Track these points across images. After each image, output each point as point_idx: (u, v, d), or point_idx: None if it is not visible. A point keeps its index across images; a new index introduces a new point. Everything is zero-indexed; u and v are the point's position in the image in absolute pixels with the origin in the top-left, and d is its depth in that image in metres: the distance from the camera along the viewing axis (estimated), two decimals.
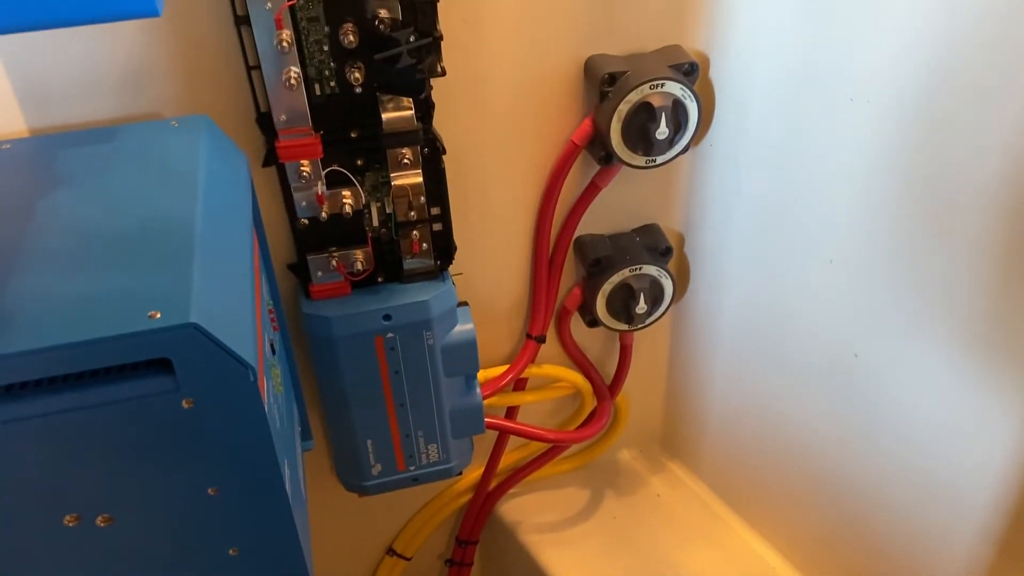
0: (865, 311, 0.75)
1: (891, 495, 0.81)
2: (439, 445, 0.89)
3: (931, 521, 0.77)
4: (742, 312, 0.90)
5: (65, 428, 0.46)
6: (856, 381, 0.79)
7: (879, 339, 0.75)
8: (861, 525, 0.85)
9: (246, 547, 0.54)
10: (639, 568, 0.97)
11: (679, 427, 1.08)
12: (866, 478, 0.83)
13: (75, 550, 0.50)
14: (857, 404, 0.80)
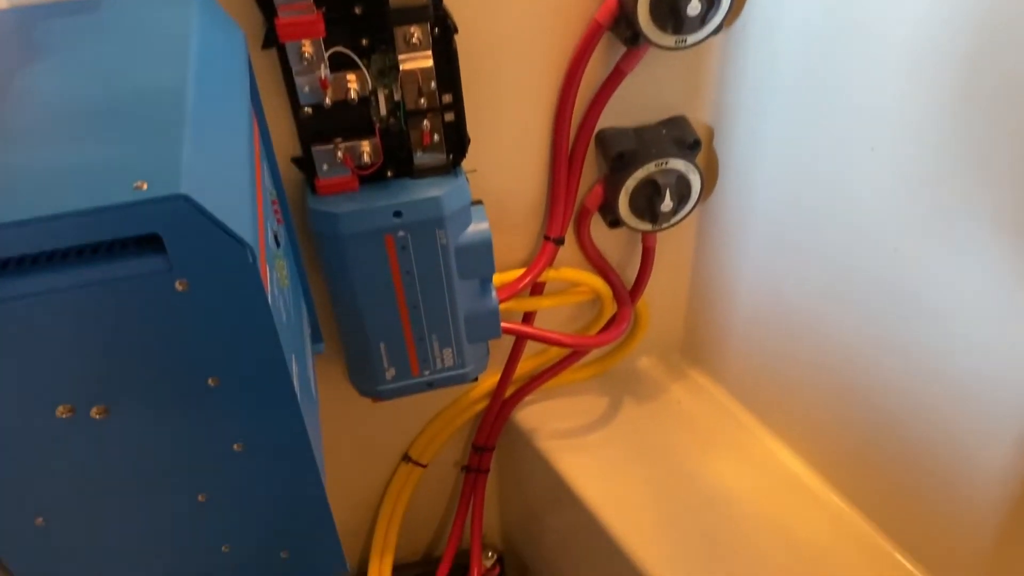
0: (907, 202, 0.70)
1: (925, 401, 0.78)
2: (454, 350, 0.86)
3: (967, 429, 0.74)
4: (773, 209, 0.85)
5: (53, 310, 0.43)
6: (894, 279, 0.74)
7: (921, 233, 0.70)
8: (891, 432, 0.82)
9: (251, 443, 0.51)
10: (658, 475, 0.95)
11: (702, 333, 1.04)
12: (899, 383, 0.79)
13: (69, 444, 0.47)
14: (894, 304, 0.76)
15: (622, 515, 0.91)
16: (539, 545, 1.14)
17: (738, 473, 0.94)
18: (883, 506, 0.87)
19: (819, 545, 0.87)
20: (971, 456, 0.75)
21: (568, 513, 0.98)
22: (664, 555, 0.86)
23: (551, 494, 1.00)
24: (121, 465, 0.50)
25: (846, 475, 0.91)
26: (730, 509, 0.91)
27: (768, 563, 0.85)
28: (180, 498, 0.53)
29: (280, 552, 0.58)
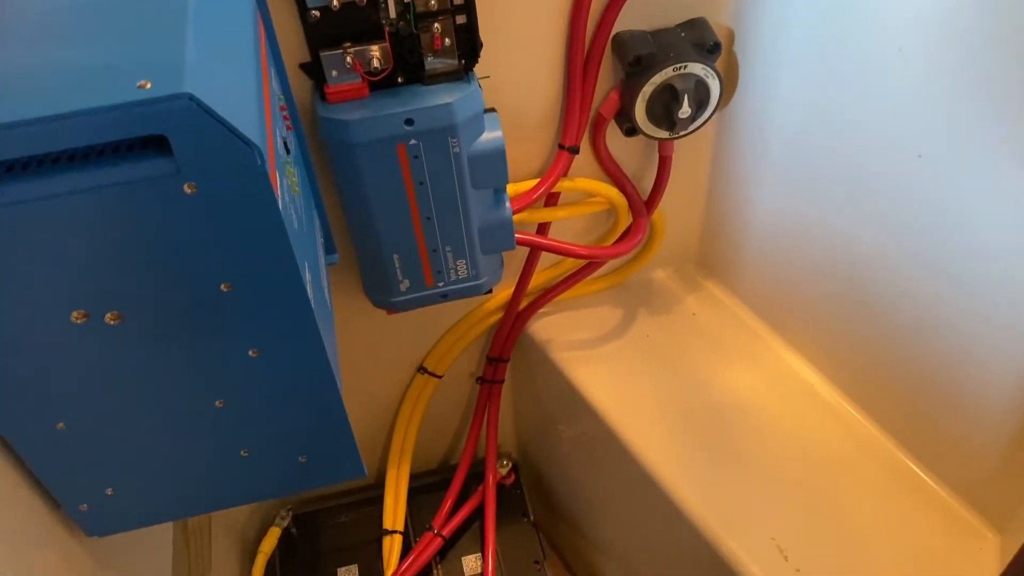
0: (934, 106, 0.68)
1: (944, 312, 0.77)
2: (468, 261, 0.85)
3: (985, 340, 0.74)
4: (794, 116, 0.83)
5: (61, 216, 0.42)
6: (918, 186, 0.73)
7: (947, 138, 0.68)
8: (908, 343, 0.82)
9: (267, 349, 0.51)
10: (672, 386, 0.95)
11: (717, 245, 1.03)
12: (918, 293, 0.79)
13: (84, 349, 0.48)
14: (916, 212, 0.74)
15: (635, 424, 0.91)
16: (553, 453, 1.16)
17: (752, 384, 0.95)
18: (897, 416, 0.87)
19: (832, 454, 0.87)
20: (988, 366, 0.75)
21: (582, 422, 0.99)
22: (676, 462, 0.87)
23: (565, 404, 1.01)
24: (138, 370, 0.50)
25: (860, 385, 0.91)
26: (743, 419, 0.91)
27: (780, 471, 0.86)
28: (198, 403, 0.53)
29: (298, 457, 0.59)
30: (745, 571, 0.79)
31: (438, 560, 1.05)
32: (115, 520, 0.59)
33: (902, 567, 0.78)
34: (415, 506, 1.10)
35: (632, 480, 0.91)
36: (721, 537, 0.81)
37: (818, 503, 0.83)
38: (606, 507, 1.07)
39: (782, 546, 0.80)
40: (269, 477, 0.60)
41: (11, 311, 0.45)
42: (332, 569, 1.05)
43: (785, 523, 0.82)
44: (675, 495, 0.85)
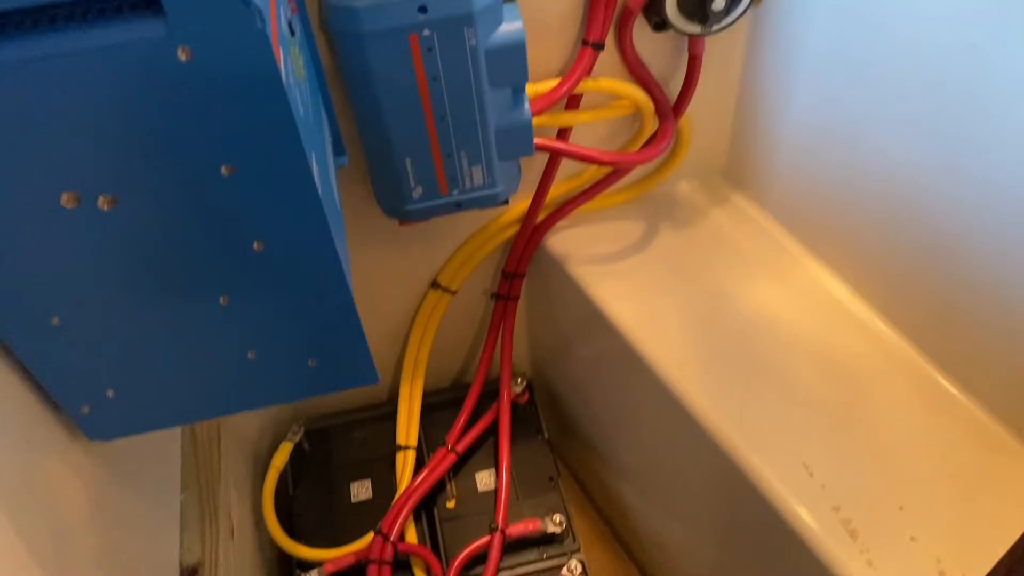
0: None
1: (985, 226, 0.73)
2: (484, 167, 0.81)
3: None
4: (835, 12, 0.77)
5: (47, 81, 0.38)
6: (966, 85, 0.67)
7: (1005, 24, 0.63)
8: (946, 259, 0.78)
9: (272, 241, 0.48)
10: (695, 301, 0.92)
11: (747, 154, 0.98)
12: (959, 206, 0.74)
13: (76, 236, 0.44)
14: (961, 118, 0.69)
15: (656, 340, 0.88)
16: (569, 372, 1.13)
17: (779, 299, 0.91)
18: (930, 332, 0.84)
19: (861, 370, 0.84)
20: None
21: (601, 339, 0.96)
22: (698, 379, 0.84)
23: (583, 320, 0.98)
24: (134, 261, 0.47)
25: (892, 300, 0.87)
26: (769, 335, 0.88)
27: (807, 387, 0.83)
28: (201, 299, 0.50)
29: (308, 360, 0.56)
30: (768, 488, 0.76)
31: (451, 476, 1.04)
32: (118, 424, 0.56)
33: (933, 484, 0.76)
34: (428, 423, 1.08)
35: (652, 398, 0.88)
36: (744, 453, 0.79)
37: (845, 419, 0.81)
38: (623, 426, 1.05)
39: (807, 463, 0.77)
40: (278, 381, 0.58)
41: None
42: (345, 483, 1.04)
43: (811, 440, 0.79)
44: (697, 412, 0.82)
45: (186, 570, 0.73)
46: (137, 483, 0.69)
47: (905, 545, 0.72)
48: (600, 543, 1.20)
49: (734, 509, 0.84)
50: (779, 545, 0.77)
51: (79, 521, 0.57)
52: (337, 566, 0.94)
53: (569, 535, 0.98)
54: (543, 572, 0.96)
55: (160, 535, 0.72)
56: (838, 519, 0.74)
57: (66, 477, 0.57)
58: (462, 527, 0.99)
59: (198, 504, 0.77)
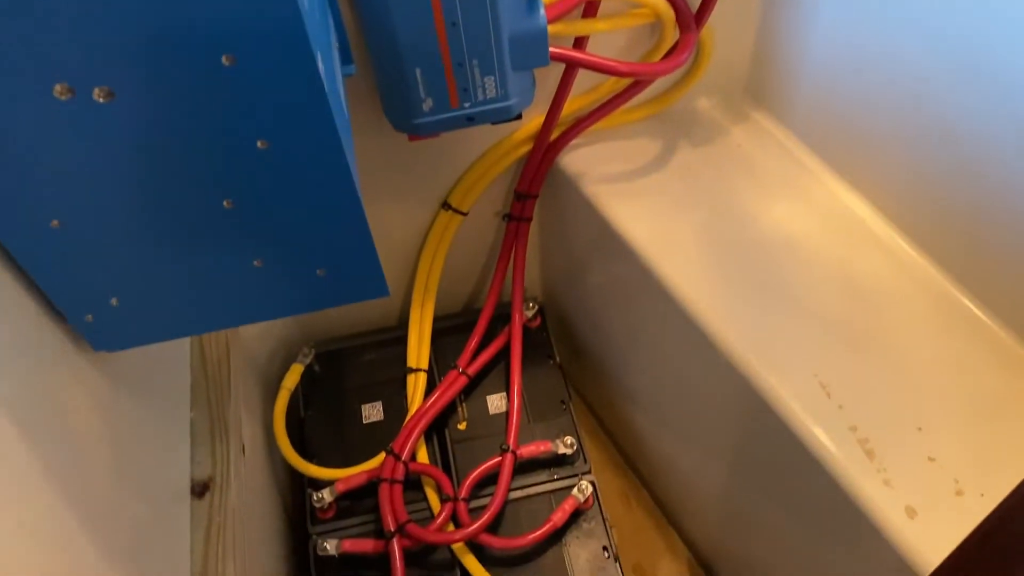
0: None
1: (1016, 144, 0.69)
2: (497, 78, 0.78)
3: None
4: None
5: None
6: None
7: None
8: (974, 178, 0.75)
9: (277, 139, 0.46)
10: (713, 220, 0.90)
11: (770, 70, 0.94)
12: (988, 124, 0.71)
13: (72, 131, 0.42)
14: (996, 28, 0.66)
15: (672, 260, 0.86)
16: (582, 295, 1.12)
17: (799, 218, 0.89)
18: (953, 251, 0.82)
19: (882, 290, 0.82)
20: None
21: (615, 260, 0.94)
22: (715, 299, 0.83)
23: (597, 241, 0.96)
24: (133, 160, 0.44)
25: (917, 220, 0.84)
26: (788, 254, 0.86)
27: (826, 307, 0.82)
28: (204, 202, 0.48)
29: (316, 269, 0.55)
30: (784, 408, 0.75)
31: (463, 398, 1.03)
32: (123, 334, 0.55)
33: (952, 405, 0.75)
34: (439, 347, 1.07)
35: (667, 319, 0.87)
36: (760, 373, 0.77)
37: (865, 339, 0.79)
38: (636, 349, 1.04)
39: (824, 382, 0.76)
40: (286, 292, 0.56)
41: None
42: (356, 405, 1.04)
43: (829, 359, 0.78)
44: (712, 332, 0.81)
45: (197, 485, 0.73)
46: (147, 399, 0.69)
47: (923, 465, 0.71)
48: (610, 466, 1.20)
49: (748, 430, 0.83)
50: (794, 466, 0.76)
51: (90, 434, 0.57)
52: (349, 485, 0.94)
53: (580, 457, 0.98)
54: (554, 493, 0.96)
55: (171, 450, 0.72)
56: (855, 439, 0.73)
57: (75, 390, 0.56)
58: (473, 449, 0.99)
59: (208, 421, 0.77)
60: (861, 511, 0.69)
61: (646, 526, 1.15)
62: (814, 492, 0.75)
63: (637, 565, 1.11)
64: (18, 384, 0.48)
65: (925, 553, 0.65)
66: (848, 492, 0.70)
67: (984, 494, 0.69)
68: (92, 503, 0.54)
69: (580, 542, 0.93)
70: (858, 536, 0.71)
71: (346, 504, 0.95)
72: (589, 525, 0.94)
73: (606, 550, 0.92)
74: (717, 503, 0.99)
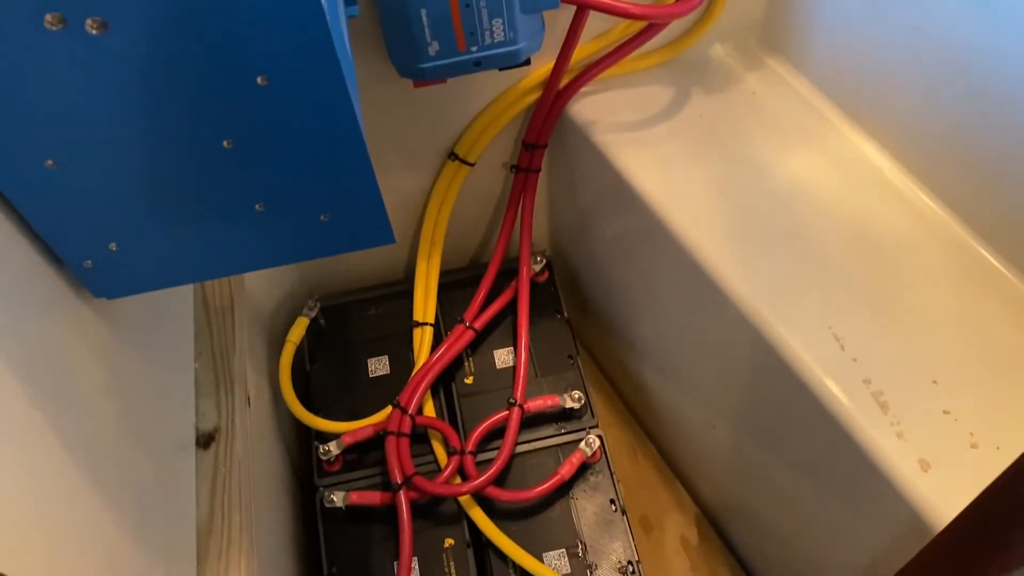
0: None
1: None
2: (505, 20, 0.76)
3: None
4: None
5: None
6: None
7: None
8: (989, 127, 0.73)
9: (277, 74, 0.44)
10: (727, 170, 0.87)
11: (785, 16, 0.92)
12: (1012, 72, 0.69)
13: (65, 65, 0.40)
14: None
15: (684, 210, 0.84)
16: (590, 248, 1.10)
17: (816, 168, 0.86)
18: (973, 203, 0.80)
19: (900, 242, 0.81)
20: None
21: (626, 212, 0.92)
22: (727, 250, 0.81)
23: (608, 192, 0.94)
24: (127, 96, 0.43)
25: (937, 170, 0.82)
26: (804, 204, 0.84)
27: (842, 259, 0.80)
28: (203, 142, 0.46)
29: (320, 214, 0.53)
30: (796, 359, 0.74)
31: (469, 352, 1.02)
32: (123, 281, 0.54)
33: (969, 358, 0.73)
34: (446, 301, 1.06)
35: (678, 271, 0.85)
36: (773, 325, 0.76)
37: (881, 292, 0.78)
38: (645, 305, 1.02)
39: (839, 335, 0.75)
40: (289, 238, 0.54)
41: None
42: (362, 359, 1.03)
43: (843, 311, 0.76)
44: (724, 283, 0.79)
45: (202, 436, 0.72)
46: (151, 349, 0.68)
47: (938, 418, 0.70)
48: (618, 422, 1.19)
49: (759, 383, 0.82)
50: (805, 419, 0.75)
51: (93, 384, 0.56)
52: (355, 438, 0.93)
53: (587, 411, 0.97)
54: (561, 447, 0.95)
55: (175, 401, 0.71)
56: (869, 392, 0.71)
57: (76, 338, 0.55)
58: (480, 403, 0.98)
59: (213, 372, 0.76)
60: (874, 464, 0.68)
61: (653, 480, 1.15)
62: (826, 446, 0.74)
63: (644, 518, 1.11)
64: (17, 332, 0.47)
65: (939, 507, 0.65)
66: (861, 445, 0.69)
67: (1000, 447, 0.68)
68: (96, 454, 0.53)
69: (587, 495, 0.92)
70: (870, 491, 0.70)
71: (353, 457, 0.95)
72: (596, 478, 0.94)
73: (613, 503, 0.92)
74: (725, 458, 0.98)
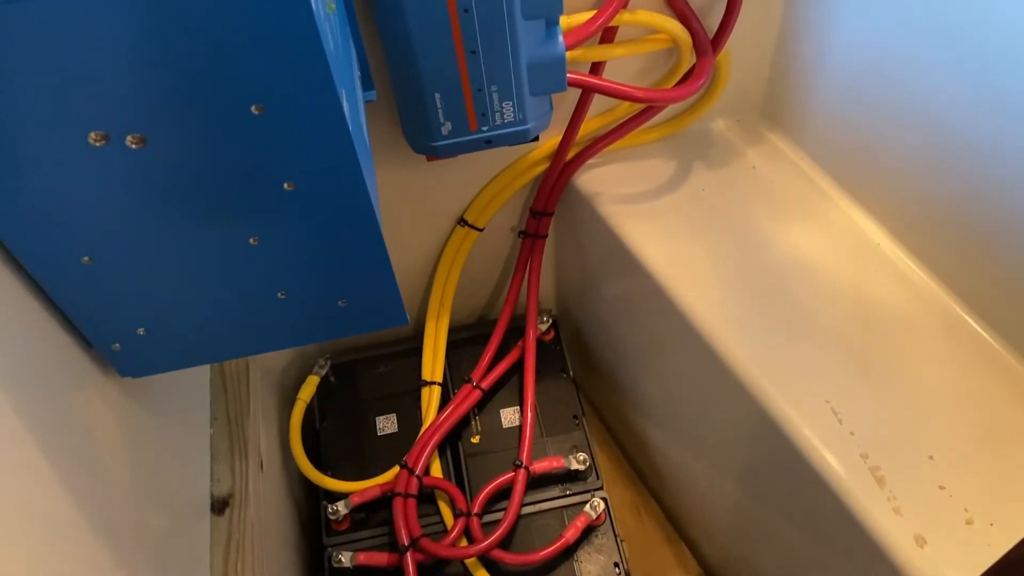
0: None
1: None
2: (515, 103, 0.79)
3: None
4: None
5: (76, 14, 0.37)
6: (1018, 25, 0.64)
7: None
8: (985, 203, 0.75)
9: (302, 180, 0.47)
10: (727, 242, 0.90)
11: (785, 92, 0.95)
12: (1005, 151, 0.71)
13: (106, 175, 0.43)
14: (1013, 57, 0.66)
15: (686, 281, 0.87)
16: (595, 311, 1.12)
17: (814, 241, 0.89)
18: (967, 278, 0.82)
19: (896, 317, 0.83)
20: None
21: (629, 279, 0.95)
22: (727, 320, 0.83)
23: (612, 260, 0.96)
24: (164, 201, 0.46)
25: (932, 246, 0.85)
26: (802, 276, 0.86)
27: (839, 332, 0.82)
28: (231, 240, 0.49)
29: (338, 301, 0.56)
30: (796, 432, 0.76)
31: (476, 412, 1.04)
32: (149, 361, 0.57)
33: (965, 434, 0.75)
34: (454, 359, 1.08)
35: (680, 339, 0.88)
36: (773, 397, 0.78)
37: (878, 366, 0.80)
38: (649, 367, 1.04)
39: (836, 409, 0.77)
40: (308, 321, 0.57)
41: (25, 129, 0.41)
42: (371, 417, 1.05)
43: (841, 386, 0.78)
44: (725, 353, 0.82)
45: (217, 501, 0.74)
46: (168, 415, 0.70)
47: (933, 494, 0.72)
48: (623, 481, 1.21)
49: (760, 452, 0.84)
50: (805, 489, 0.77)
51: (111, 452, 0.58)
52: (363, 498, 0.95)
53: (592, 472, 0.99)
54: (566, 508, 0.97)
55: (191, 466, 0.74)
56: (866, 466, 0.73)
57: (98, 409, 0.57)
58: (486, 463, 1.00)
59: (228, 436, 0.78)
60: (871, 538, 0.70)
61: (657, 539, 1.16)
62: (825, 516, 0.76)
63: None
64: (44, 406, 0.49)
65: None
66: (858, 519, 0.71)
67: (994, 524, 0.69)
68: (113, 519, 0.55)
69: (592, 558, 0.94)
70: (868, 562, 0.71)
71: (361, 516, 0.97)
72: (601, 540, 0.95)
73: (617, 566, 0.93)
74: (728, 519, 0.99)
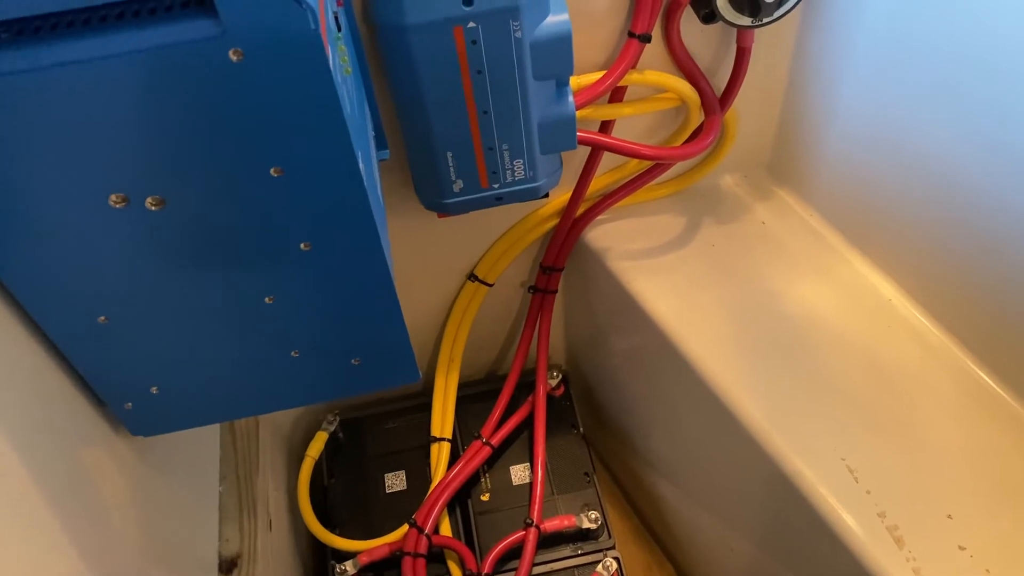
0: None
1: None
2: (525, 161, 0.80)
3: None
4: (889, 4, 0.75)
5: (96, 82, 0.38)
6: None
7: None
8: (994, 258, 0.75)
9: (319, 242, 0.47)
10: (737, 297, 0.90)
11: (793, 148, 0.96)
12: (1015, 208, 0.72)
13: (124, 236, 0.44)
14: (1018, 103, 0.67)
15: (696, 337, 0.87)
16: (606, 366, 1.12)
17: (824, 297, 0.89)
18: (979, 333, 0.82)
19: (908, 372, 0.82)
20: None
21: (639, 335, 0.94)
22: (740, 377, 0.83)
23: (622, 316, 0.96)
24: (181, 262, 0.46)
25: (942, 301, 0.85)
26: (813, 333, 0.86)
27: (852, 389, 0.82)
28: (247, 299, 0.50)
29: (351, 359, 0.56)
30: (811, 491, 0.75)
31: (486, 469, 1.03)
32: (160, 420, 0.56)
33: (983, 492, 0.74)
34: (463, 415, 1.08)
35: (692, 395, 0.87)
36: (787, 455, 0.77)
37: (892, 423, 0.79)
38: (661, 422, 1.04)
39: (852, 467, 0.76)
40: (321, 379, 0.57)
41: (45, 192, 0.41)
42: (379, 474, 1.04)
43: (856, 443, 0.77)
44: (738, 411, 0.81)
45: (225, 561, 0.73)
46: (177, 473, 0.70)
47: (953, 554, 0.70)
48: (635, 539, 1.19)
49: (775, 510, 0.83)
50: (821, 549, 0.75)
51: (120, 509, 0.57)
52: (372, 557, 0.94)
53: (604, 531, 0.97)
54: (578, 568, 0.95)
55: (199, 526, 0.73)
56: (884, 526, 0.72)
57: (108, 468, 0.57)
58: (496, 521, 0.99)
59: (236, 495, 0.78)
60: None
61: None
62: None
63: None
64: (54, 463, 0.49)
65: None
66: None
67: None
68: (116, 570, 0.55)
69: None
70: None
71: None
72: None
73: None
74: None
